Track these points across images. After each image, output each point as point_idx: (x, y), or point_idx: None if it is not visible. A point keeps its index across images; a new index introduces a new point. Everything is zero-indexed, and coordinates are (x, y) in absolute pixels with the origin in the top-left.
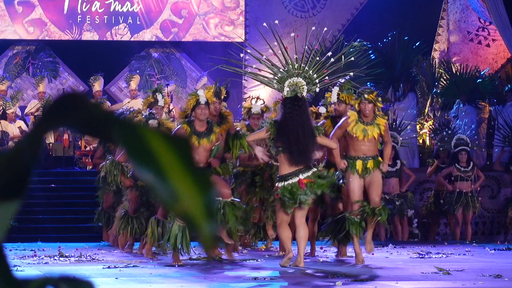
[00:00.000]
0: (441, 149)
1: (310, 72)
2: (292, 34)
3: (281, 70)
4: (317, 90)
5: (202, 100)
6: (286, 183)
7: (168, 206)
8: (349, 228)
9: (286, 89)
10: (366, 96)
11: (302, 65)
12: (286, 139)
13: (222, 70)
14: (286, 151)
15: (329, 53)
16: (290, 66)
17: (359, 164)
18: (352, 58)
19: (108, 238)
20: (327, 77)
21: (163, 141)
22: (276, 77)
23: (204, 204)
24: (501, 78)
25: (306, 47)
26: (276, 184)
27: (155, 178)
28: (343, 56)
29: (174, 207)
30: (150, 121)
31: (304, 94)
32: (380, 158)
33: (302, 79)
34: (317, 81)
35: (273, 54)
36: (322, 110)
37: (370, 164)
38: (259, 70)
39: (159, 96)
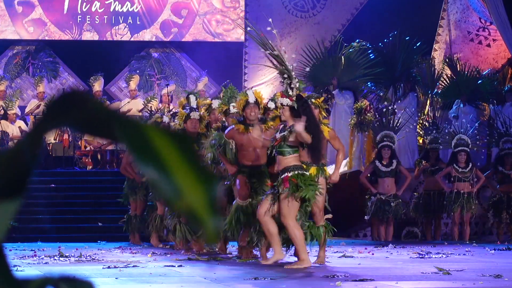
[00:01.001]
0: (440, 147)
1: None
2: (272, 30)
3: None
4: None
5: (252, 99)
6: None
7: (172, 202)
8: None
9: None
10: (313, 100)
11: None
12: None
13: (222, 70)
14: (307, 147)
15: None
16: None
17: None
18: (342, 61)
19: (134, 241)
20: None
21: (166, 137)
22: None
23: (208, 199)
24: (498, 78)
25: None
26: (285, 174)
27: (158, 174)
28: (343, 57)
29: (177, 203)
30: (192, 114)
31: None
32: (325, 168)
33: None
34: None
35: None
36: (271, 105)
37: (312, 170)
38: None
39: (192, 98)
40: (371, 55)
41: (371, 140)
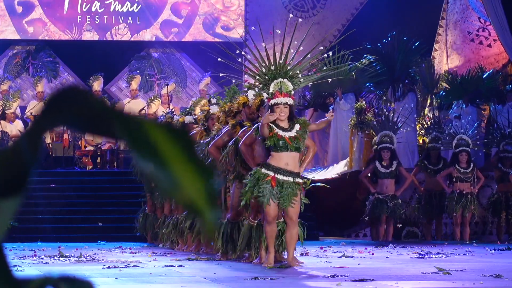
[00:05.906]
0: (441, 147)
1: (288, 67)
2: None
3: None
4: (302, 81)
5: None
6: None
7: (171, 195)
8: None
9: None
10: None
11: (280, 62)
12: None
13: (222, 70)
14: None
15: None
16: (273, 68)
17: None
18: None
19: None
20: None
21: (164, 132)
22: (264, 84)
23: (206, 192)
24: (499, 78)
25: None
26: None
27: (157, 168)
28: (353, 73)
29: (176, 196)
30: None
31: (291, 89)
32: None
33: (283, 77)
34: (298, 71)
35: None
36: (214, 109)
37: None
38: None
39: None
40: (377, 67)
41: (369, 143)
